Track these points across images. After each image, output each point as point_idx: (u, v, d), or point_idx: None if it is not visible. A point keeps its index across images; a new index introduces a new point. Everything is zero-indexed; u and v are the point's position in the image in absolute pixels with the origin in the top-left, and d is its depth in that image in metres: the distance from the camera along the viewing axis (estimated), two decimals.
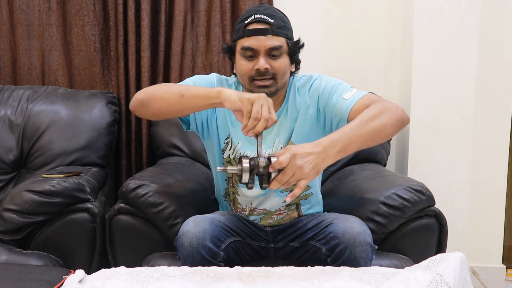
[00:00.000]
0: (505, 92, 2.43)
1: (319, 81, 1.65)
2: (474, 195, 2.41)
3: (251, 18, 1.56)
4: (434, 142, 2.32)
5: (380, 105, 1.49)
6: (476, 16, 2.26)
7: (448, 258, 1.20)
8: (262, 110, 1.34)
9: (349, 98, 1.55)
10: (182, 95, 1.48)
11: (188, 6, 2.43)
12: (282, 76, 1.59)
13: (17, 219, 1.71)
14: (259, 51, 1.56)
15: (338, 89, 1.60)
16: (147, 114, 1.60)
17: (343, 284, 1.19)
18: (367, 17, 2.51)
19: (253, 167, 1.31)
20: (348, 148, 1.39)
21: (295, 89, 1.68)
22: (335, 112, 1.57)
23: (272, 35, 1.56)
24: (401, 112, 1.50)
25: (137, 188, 1.70)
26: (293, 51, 1.61)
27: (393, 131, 1.49)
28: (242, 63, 1.58)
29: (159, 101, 1.53)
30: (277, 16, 1.58)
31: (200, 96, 1.45)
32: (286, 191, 1.69)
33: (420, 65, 2.30)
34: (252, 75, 1.57)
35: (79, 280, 1.19)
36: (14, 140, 2.17)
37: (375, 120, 1.43)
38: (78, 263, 1.76)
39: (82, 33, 2.42)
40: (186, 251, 1.44)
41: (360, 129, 1.41)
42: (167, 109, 1.53)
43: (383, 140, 1.48)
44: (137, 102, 1.58)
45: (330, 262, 1.48)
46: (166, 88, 1.55)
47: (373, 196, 1.72)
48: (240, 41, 1.58)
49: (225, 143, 1.69)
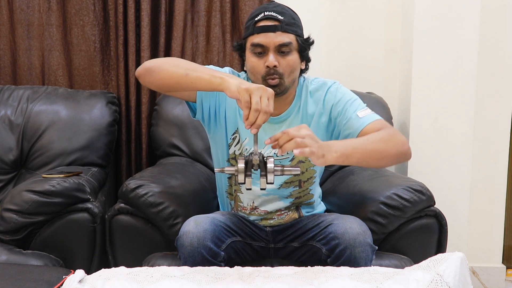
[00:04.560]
0: (505, 92, 2.43)
1: (335, 90, 1.66)
2: (474, 195, 2.41)
3: (261, 15, 1.57)
4: (434, 142, 2.32)
5: (390, 133, 1.54)
6: (476, 16, 2.26)
7: (448, 258, 1.20)
8: (261, 101, 1.34)
9: (363, 117, 1.59)
10: (187, 74, 1.48)
11: (188, 6, 2.42)
12: (290, 74, 1.59)
13: (17, 219, 1.71)
14: (269, 47, 1.56)
15: (353, 104, 1.63)
16: (150, 82, 1.59)
17: (343, 284, 1.19)
18: (367, 16, 2.51)
19: (247, 164, 1.33)
20: (350, 157, 1.43)
21: (307, 91, 1.68)
22: (347, 126, 1.60)
23: (281, 32, 1.56)
24: (407, 147, 1.55)
25: (137, 188, 1.70)
26: (302, 48, 1.61)
27: (393, 161, 1.54)
28: (252, 60, 1.59)
29: (164, 73, 1.53)
30: (286, 13, 1.59)
31: (204, 79, 1.46)
32: (290, 198, 1.71)
33: (420, 64, 2.30)
34: (263, 75, 1.58)
35: (79, 280, 1.19)
36: (14, 140, 2.17)
37: (381, 144, 1.49)
38: (78, 263, 1.76)
39: (82, 33, 2.42)
40: (187, 251, 1.44)
41: (366, 145, 1.47)
42: (170, 82, 1.52)
43: (381, 164, 1.54)
44: (144, 69, 1.58)
45: (330, 262, 1.48)
46: (175, 63, 1.55)
47: (373, 196, 1.72)
48: (250, 38, 1.59)
49: (231, 138, 1.69)
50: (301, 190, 1.71)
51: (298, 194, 1.72)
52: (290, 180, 1.69)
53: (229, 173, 1.37)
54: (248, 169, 1.34)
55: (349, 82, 2.00)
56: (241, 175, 1.33)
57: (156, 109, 2.29)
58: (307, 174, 1.70)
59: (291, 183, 1.69)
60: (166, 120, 2.24)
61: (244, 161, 1.33)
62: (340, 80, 1.74)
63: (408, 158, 1.56)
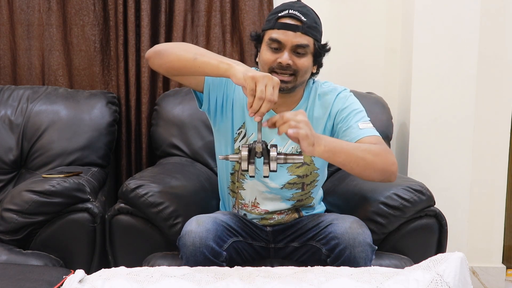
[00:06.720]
0: (505, 92, 2.43)
1: (344, 98, 1.67)
2: (474, 195, 2.41)
3: (285, 12, 1.58)
4: (434, 142, 2.33)
5: (383, 149, 1.55)
6: (476, 16, 2.26)
7: (448, 258, 1.20)
8: (266, 90, 1.35)
9: (363, 128, 1.60)
10: (195, 58, 1.49)
11: (188, 6, 2.42)
12: (303, 74, 1.60)
13: (17, 219, 1.71)
14: (285, 45, 1.57)
15: (357, 115, 1.64)
16: (159, 65, 1.59)
17: (343, 284, 1.19)
18: (367, 16, 2.51)
19: (250, 152, 1.35)
20: (335, 155, 1.45)
21: (316, 93, 1.69)
22: (345, 133, 1.61)
23: (301, 33, 1.57)
24: (395, 169, 1.55)
25: (137, 188, 1.70)
26: (318, 53, 1.62)
27: (378, 175, 1.53)
28: (267, 53, 1.59)
29: (173, 56, 1.54)
30: (310, 16, 1.59)
31: (211, 64, 1.46)
32: (292, 200, 1.71)
33: (420, 64, 2.30)
34: (273, 67, 1.58)
35: (79, 280, 1.19)
36: (14, 140, 2.17)
37: (370, 155, 1.50)
38: (78, 263, 1.76)
39: (82, 33, 2.42)
40: (189, 250, 1.44)
41: (355, 150, 1.49)
42: (178, 65, 1.53)
43: (364, 175, 1.52)
44: (154, 52, 1.59)
45: (330, 262, 1.48)
46: (185, 47, 1.57)
47: (373, 196, 1.73)
48: (269, 31, 1.59)
49: (237, 133, 1.69)
50: (304, 193, 1.71)
51: (299, 197, 1.72)
52: (294, 181, 1.69)
53: (233, 160, 1.39)
54: (251, 157, 1.35)
55: (349, 82, 2.01)
56: (245, 163, 1.34)
57: (156, 109, 2.29)
58: (311, 177, 1.71)
59: (294, 184, 1.69)
60: (166, 120, 2.24)
61: (248, 148, 1.35)
62: (340, 80, 1.74)
63: (392, 179, 1.56)
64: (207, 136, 2.16)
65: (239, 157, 1.35)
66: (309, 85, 1.70)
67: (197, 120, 2.19)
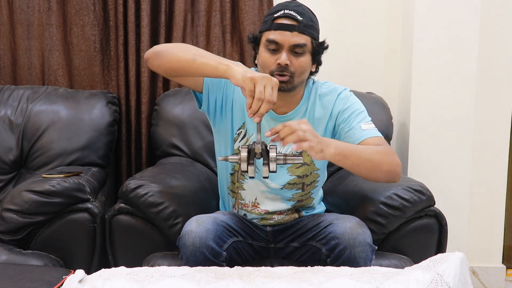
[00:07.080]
0: (505, 92, 2.43)
1: (345, 98, 1.67)
2: (474, 195, 2.41)
3: (281, 13, 1.58)
4: (434, 142, 2.32)
5: (388, 151, 1.58)
6: (476, 16, 2.26)
7: (448, 258, 1.20)
8: (265, 91, 1.35)
9: (366, 129, 1.61)
10: (194, 59, 1.49)
11: (188, 6, 2.42)
12: (300, 74, 1.60)
13: (17, 219, 1.71)
14: (283, 46, 1.56)
15: (359, 115, 1.64)
16: (158, 66, 1.59)
17: (343, 284, 1.19)
18: (367, 16, 2.51)
19: (250, 153, 1.35)
20: (346, 158, 1.47)
21: (316, 94, 1.69)
22: (348, 135, 1.62)
23: (298, 33, 1.56)
24: (399, 170, 1.58)
25: (137, 188, 1.70)
26: (316, 51, 1.62)
27: (384, 176, 1.55)
28: (265, 55, 1.59)
29: (172, 57, 1.54)
30: (306, 15, 1.59)
31: (210, 65, 1.46)
32: (292, 201, 1.71)
33: (420, 64, 2.30)
34: (273, 70, 1.58)
35: (79, 280, 1.19)
36: (14, 140, 2.17)
37: (377, 156, 1.52)
38: (78, 263, 1.76)
39: (82, 33, 2.42)
40: (189, 250, 1.44)
41: (363, 152, 1.51)
42: (177, 66, 1.54)
43: (371, 176, 1.54)
44: (153, 52, 1.59)
45: (330, 262, 1.48)
46: (184, 48, 1.57)
47: (373, 196, 1.73)
48: (266, 33, 1.59)
49: (237, 133, 1.69)
50: (304, 193, 1.71)
51: (300, 198, 1.72)
52: (294, 181, 1.69)
53: (232, 161, 1.40)
54: (251, 158, 1.35)
55: (349, 82, 2.00)
56: (244, 164, 1.35)
57: (156, 109, 2.29)
58: (311, 177, 1.71)
59: (294, 184, 1.69)
60: (166, 120, 2.24)
61: (247, 149, 1.35)
62: (340, 80, 1.74)
63: (397, 180, 1.58)
64: (207, 136, 2.16)
65: (239, 158, 1.35)
66: (309, 85, 1.70)
67: (197, 120, 2.19)
